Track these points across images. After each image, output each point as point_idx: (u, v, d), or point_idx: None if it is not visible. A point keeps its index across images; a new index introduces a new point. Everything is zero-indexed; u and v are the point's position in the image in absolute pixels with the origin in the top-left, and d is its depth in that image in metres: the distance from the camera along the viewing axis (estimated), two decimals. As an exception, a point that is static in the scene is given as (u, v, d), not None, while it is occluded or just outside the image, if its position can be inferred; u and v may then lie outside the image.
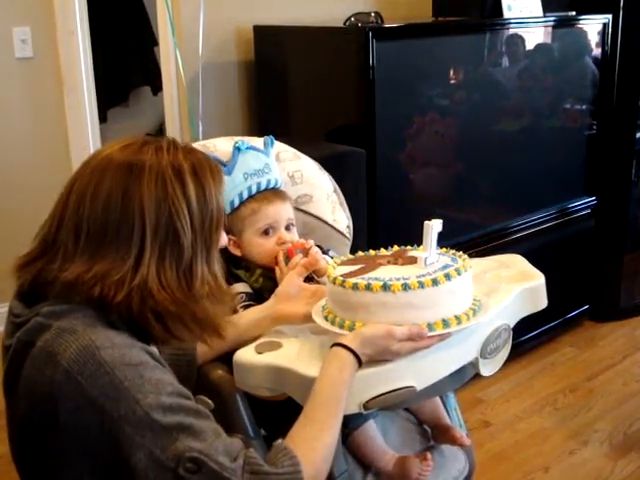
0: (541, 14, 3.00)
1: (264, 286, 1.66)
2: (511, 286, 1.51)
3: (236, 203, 1.70)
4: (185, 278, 1.15)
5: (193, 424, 1.03)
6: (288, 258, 1.64)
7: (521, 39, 2.97)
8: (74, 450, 1.04)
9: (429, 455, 1.59)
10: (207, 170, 1.19)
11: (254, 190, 1.71)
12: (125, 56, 4.76)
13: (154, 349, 1.18)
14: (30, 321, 1.10)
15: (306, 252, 1.65)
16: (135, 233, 1.11)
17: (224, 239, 1.27)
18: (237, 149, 1.72)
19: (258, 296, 1.64)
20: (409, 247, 1.50)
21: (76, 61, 3.35)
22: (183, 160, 1.16)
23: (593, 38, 3.22)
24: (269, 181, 1.74)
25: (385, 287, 1.27)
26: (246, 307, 1.60)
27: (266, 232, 1.69)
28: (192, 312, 1.15)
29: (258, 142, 1.83)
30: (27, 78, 3.30)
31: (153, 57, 4.74)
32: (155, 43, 4.60)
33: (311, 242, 1.69)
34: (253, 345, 1.43)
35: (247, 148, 1.73)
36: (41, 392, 1.05)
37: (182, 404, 1.04)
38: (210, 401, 1.46)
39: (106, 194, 1.11)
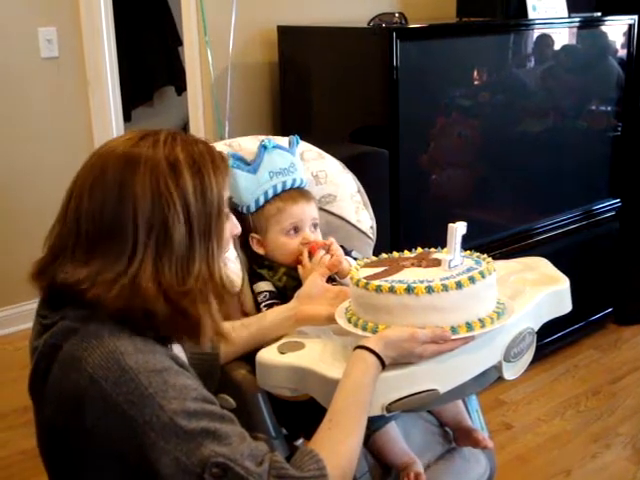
0: (566, 15, 2.98)
1: (287, 284, 1.67)
2: (536, 289, 1.50)
3: (261, 201, 1.70)
4: (181, 275, 1.11)
5: (218, 429, 1.02)
6: (310, 255, 1.65)
7: (546, 40, 2.95)
8: (99, 453, 1.05)
9: (423, 477, 1.57)
10: (208, 161, 1.15)
11: (279, 189, 1.71)
12: (150, 56, 4.78)
13: (181, 353, 1.18)
14: (57, 324, 1.11)
15: (327, 249, 1.65)
16: (129, 230, 1.08)
17: (229, 233, 1.24)
18: (263, 147, 1.72)
19: (281, 294, 1.65)
20: (433, 249, 1.49)
21: (101, 61, 3.38)
22: (180, 152, 1.13)
23: (618, 39, 3.20)
24: (294, 180, 1.74)
25: (409, 290, 1.27)
26: (269, 306, 1.61)
27: (291, 231, 1.69)
28: (183, 310, 1.11)
29: (283, 141, 1.83)
30: (53, 78, 3.33)
31: (177, 57, 4.76)
32: (179, 43, 4.62)
33: (331, 239, 1.70)
34: (276, 345, 1.43)
35: (273, 147, 1.74)
36: (67, 396, 1.06)
37: (207, 409, 1.04)
38: (232, 400, 1.46)
39: (103, 189, 1.09)
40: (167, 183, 1.10)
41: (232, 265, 1.64)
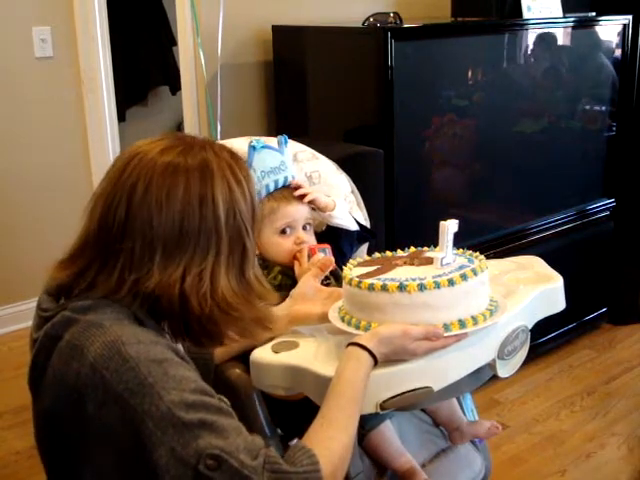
0: (561, 15, 2.99)
1: (283, 283, 1.67)
2: (529, 287, 1.51)
3: None
4: (243, 279, 1.18)
5: (215, 421, 1.02)
6: (309, 256, 1.65)
7: (541, 40, 2.95)
8: (97, 443, 1.05)
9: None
10: (246, 167, 1.21)
11: (272, 188, 1.71)
12: (144, 56, 4.78)
13: (179, 346, 1.19)
14: (57, 315, 1.11)
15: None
16: (212, 237, 1.12)
17: None
18: (252, 148, 1.73)
19: (277, 293, 1.65)
20: (425, 248, 1.49)
21: (96, 60, 3.38)
22: (231, 159, 1.17)
23: (613, 39, 3.20)
24: (286, 178, 1.75)
25: (401, 287, 1.27)
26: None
27: (284, 231, 1.70)
28: (253, 312, 1.19)
29: (272, 141, 1.83)
30: (47, 77, 3.33)
31: (172, 57, 4.76)
32: (174, 43, 4.62)
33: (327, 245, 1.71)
34: (270, 344, 1.43)
35: (262, 147, 1.74)
36: (67, 385, 1.06)
37: (205, 401, 1.05)
38: (227, 400, 1.46)
39: (182, 200, 1.11)
40: (235, 190, 1.15)
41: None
